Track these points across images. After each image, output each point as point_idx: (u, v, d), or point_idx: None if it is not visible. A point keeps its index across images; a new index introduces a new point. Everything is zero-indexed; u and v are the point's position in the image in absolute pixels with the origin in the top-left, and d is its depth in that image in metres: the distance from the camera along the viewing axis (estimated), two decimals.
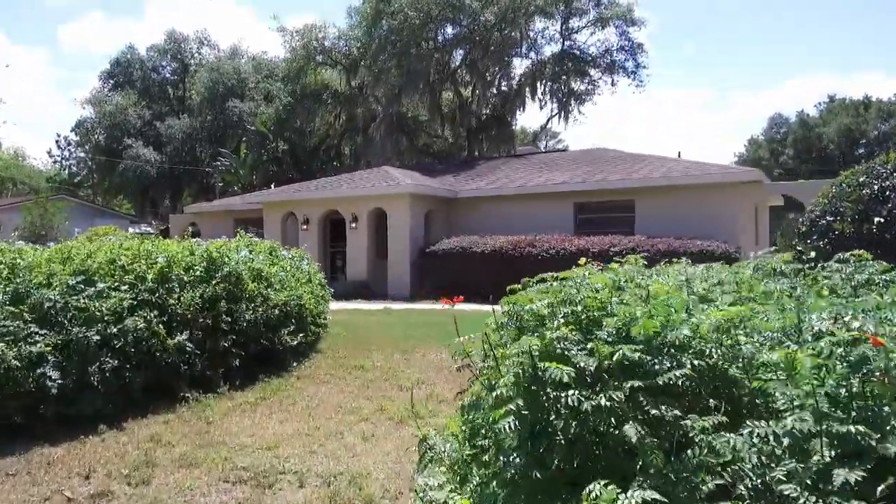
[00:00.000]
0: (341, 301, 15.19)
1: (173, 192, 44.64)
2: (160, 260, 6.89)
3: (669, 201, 16.52)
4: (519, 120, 54.71)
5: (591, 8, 30.77)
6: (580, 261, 2.96)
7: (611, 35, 31.27)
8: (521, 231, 17.08)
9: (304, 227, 19.88)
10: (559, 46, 31.96)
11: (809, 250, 8.99)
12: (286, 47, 34.52)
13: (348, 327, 10.90)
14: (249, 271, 7.88)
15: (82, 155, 48.50)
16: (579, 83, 32.38)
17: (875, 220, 8.74)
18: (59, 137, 52.49)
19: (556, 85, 31.85)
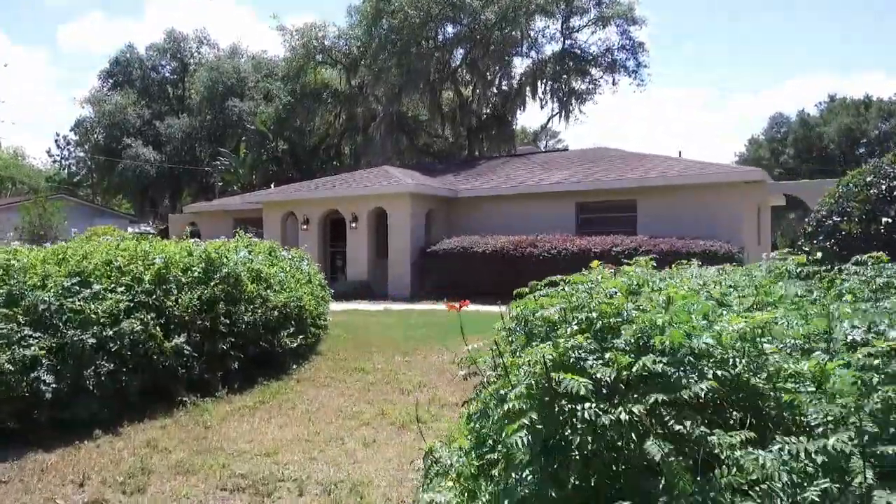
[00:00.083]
0: (341, 301, 15.08)
1: (173, 192, 44.49)
2: (157, 261, 6.77)
3: (672, 201, 16.39)
4: (519, 119, 54.72)
5: (592, 7, 30.66)
6: (592, 263, 2.85)
7: (612, 34, 31.19)
8: (522, 231, 16.93)
9: (304, 226, 19.76)
10: (560, 45, 31.87)
11: (816, 251, 8.88)
12: (286, 46, 34.43)
13: (348, 328, 10.79)
14: (248, 272, 7.77)
15: (81, 154, 48.35)
16: (580, 82, 32.29)
17: (883, 220, 8.62)
18: (58, 137, 52.42)
19: (556, 84, 31.74)
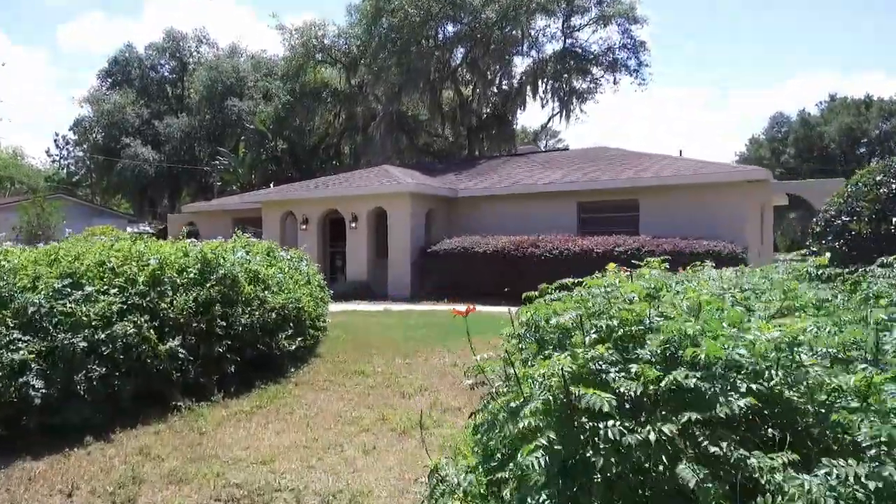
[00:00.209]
0: (341, 302, 14.90)
1: (172, 192, 44.30)
2: (152, 262, 6.60)
3: (674, 201, 16.21)
4: (520, 119, 54.64)
5: (593, 6, 30.48)
6: (609, 265, 2.68)
7: (613, 33, 31.11)
8: (523, 231, 16.74)
9: (304, 226, 19.58)
10: (561, 44, 31.69)
11: (824, 251, 8.71)
12: (285, 45, 34.22)
13: (348, 329, 10.61)
14: (246, 273, 7.59)
15: (80, 154, 48.16)
16: (581, 81, 32.12)
17: (893, 219, 8.45)
18: (57, 137, 52.25)
19: (557, 83, 31.55)
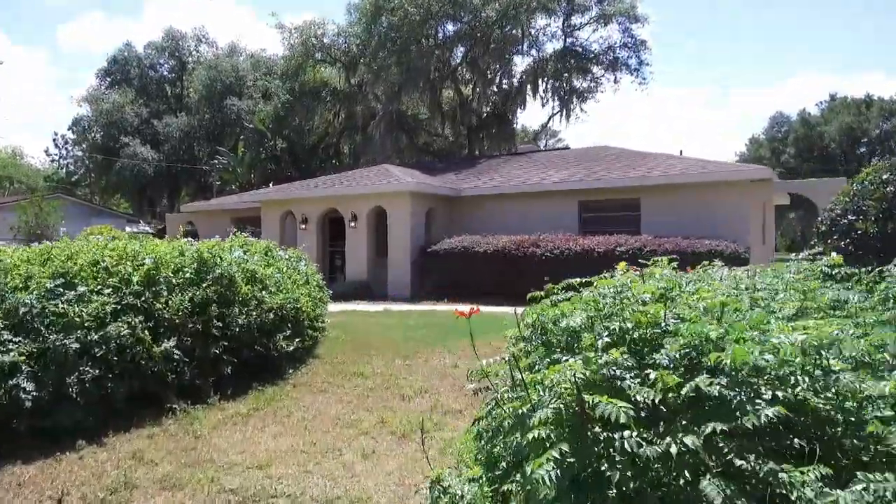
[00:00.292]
0: (340, 302, 14.78)
1: (171, 191, 44.19)
2: (147, 261, 6.47)
3: (676, 200, 16.08)
4: (520, 118, 54.50)
5: (594, 4, 30.36)
6: (619, 265, 2.56)
7: (613, 32, 31.05)
8: (523, 230, 16.60)
9: (303, 226, 19.45)
10: (561, 43, 31.57)
11: (830, 250, 8.58)
12: (285, 44, 34.08)
13: (347, 330, 10.49)
14: (243, 273, 7.47)
15: (79, 154, 48.04)
16: (581, 80, 32.00)
17: None
18: (56, 136, 52.12)
19: (557, 82, 31.44)
